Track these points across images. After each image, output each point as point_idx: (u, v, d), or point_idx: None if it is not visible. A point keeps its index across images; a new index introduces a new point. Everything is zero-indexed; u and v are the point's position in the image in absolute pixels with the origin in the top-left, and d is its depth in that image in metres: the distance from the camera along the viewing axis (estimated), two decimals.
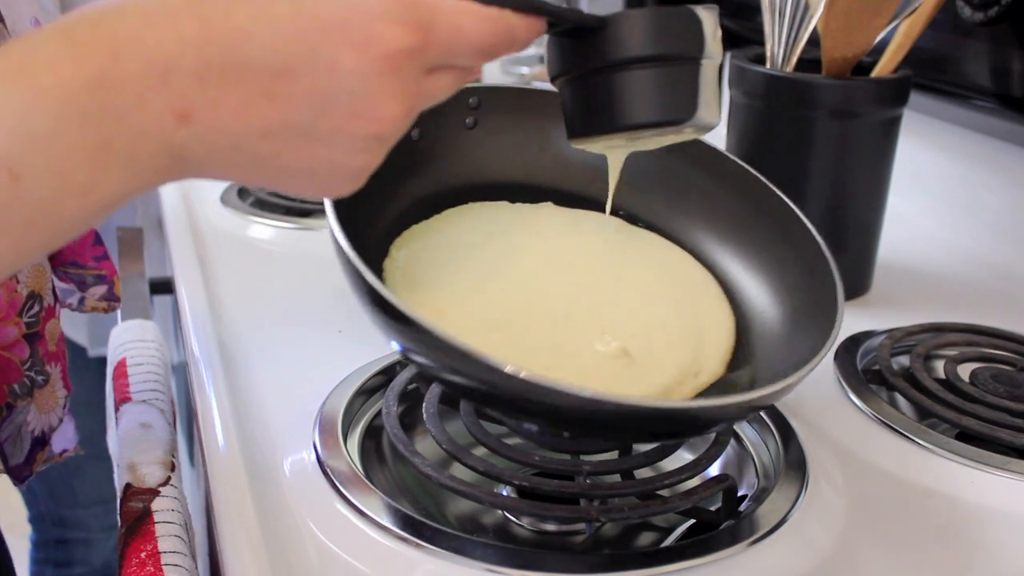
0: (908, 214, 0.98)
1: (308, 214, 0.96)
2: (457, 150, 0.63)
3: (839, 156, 0.77)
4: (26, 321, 0.59)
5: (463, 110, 0.63)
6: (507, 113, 0.64)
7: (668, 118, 0.48)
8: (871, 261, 0.83)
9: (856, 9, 0.74)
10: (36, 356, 0.61)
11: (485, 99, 0.63)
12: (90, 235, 0.65)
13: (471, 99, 0.63)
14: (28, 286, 0.59)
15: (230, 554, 0.50)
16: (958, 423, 0.62)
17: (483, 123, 0.63)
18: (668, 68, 0.47)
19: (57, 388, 0.63)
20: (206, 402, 0.63)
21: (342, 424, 0.59)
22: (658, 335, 0.58)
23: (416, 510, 0.54)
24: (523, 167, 0.65)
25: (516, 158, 0.64)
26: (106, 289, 0.67)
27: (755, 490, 0.57)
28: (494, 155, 0.64)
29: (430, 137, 0.61)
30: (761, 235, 0.63)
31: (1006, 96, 0.82)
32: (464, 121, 0.63)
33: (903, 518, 0.55)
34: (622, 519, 0.54)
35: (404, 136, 0.43)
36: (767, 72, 0.78)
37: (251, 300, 0.78)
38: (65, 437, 0.64)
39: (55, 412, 0.63)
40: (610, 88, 0.47)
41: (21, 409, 0.60)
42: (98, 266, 0.66)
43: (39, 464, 0.63)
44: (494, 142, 0.64)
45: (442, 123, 0.62)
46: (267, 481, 0.55)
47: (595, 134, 0.49)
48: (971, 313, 0.78)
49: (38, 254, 0.36)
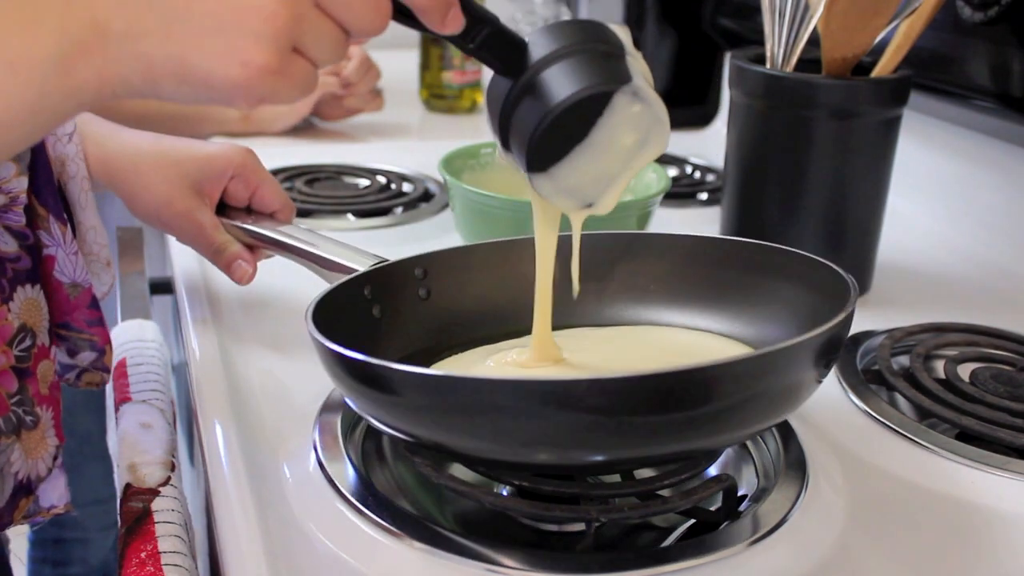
0: (908, 214, 0.98)
1: (308, 214, 0.97)
2: (420, 320, 0.64)
3: (839, 156, 0.77)
4: (16, 354, 0.58)
5: (412, 284, 0.65)
6: (455, 275, 0.66)
7: (612, 79, 0.49)
8: (871, 261, 0.83)
9: (856, 9, 0.74)
10: (25, 394, 0.59)
11: (430, 267, 0.65)
12: (86, 297, 0.63)
13: (416, 270, 0.65)
14: (20, 318, 0.58)
15: (230, 554, 0.50)
16: (958, 423, 0.62)
17: (435, 290, 0.65)
18: (594, 51, 0.49)
19: (48, 435, 0.61)
20: (206, 402, 0.63)
21: (342, 424, 0.59)
22: None
23: (416, 510, 0.54)
24: (489, 317, 0.66)
25: (478, 311, 0.66)
26: (96, 357, 0.65)
27: (755, 490, 0.56)
28: (456, 316, 0.65)
29: (389, 314, 0.63)
30: (756, 288, 0.62)
31: (1006, 96, 0.82)
32: (417, 293, 0.65)
33: (903, 518, 0.55)
34: (622, 519, 0.54)
35: (367, 313, 0.55)
36: (767, 72, 0.78)
37: (251, 300, 0.78)
38: (56, 492, 0.62)
39: (44, 461, 0.61)
40: (544, 84, 0.49)
41: (4, 447, 0.58)
42: (91, 332, 0.64)
43: (21, 513, 0.60)
44: (451, 304, 0.65)
45: (397, 297, 0.64)
46: (267, 481, 0.55)
47: (546, 122, 0.49)
48: (971, 313, 0.79)
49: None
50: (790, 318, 0.59)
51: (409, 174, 1.09)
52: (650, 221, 0.81)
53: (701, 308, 0.64)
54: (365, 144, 1.24)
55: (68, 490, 0.63)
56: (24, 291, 0.59)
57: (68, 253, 0.61)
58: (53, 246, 0.61)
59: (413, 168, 1.10)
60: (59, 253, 0.61)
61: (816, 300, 0.57)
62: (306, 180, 1.05)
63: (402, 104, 1.41)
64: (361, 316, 0.62)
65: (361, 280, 0.62)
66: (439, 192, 1.04)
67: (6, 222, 0.58)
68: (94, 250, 0.67)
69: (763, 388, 0.48)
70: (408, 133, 1.33)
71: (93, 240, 0.67)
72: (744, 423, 0.49)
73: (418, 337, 0.64)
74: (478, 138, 0.92)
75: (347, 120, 1.28)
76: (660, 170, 0.85)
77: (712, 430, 0.48)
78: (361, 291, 0.62)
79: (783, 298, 0.60)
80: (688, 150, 1.21)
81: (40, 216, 0.60)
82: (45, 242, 0.60)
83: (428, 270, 0.65)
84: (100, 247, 0.67)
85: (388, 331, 0.62)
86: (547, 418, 0.45)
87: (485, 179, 0.87)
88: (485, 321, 0.66)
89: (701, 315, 0.64)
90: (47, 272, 0.61)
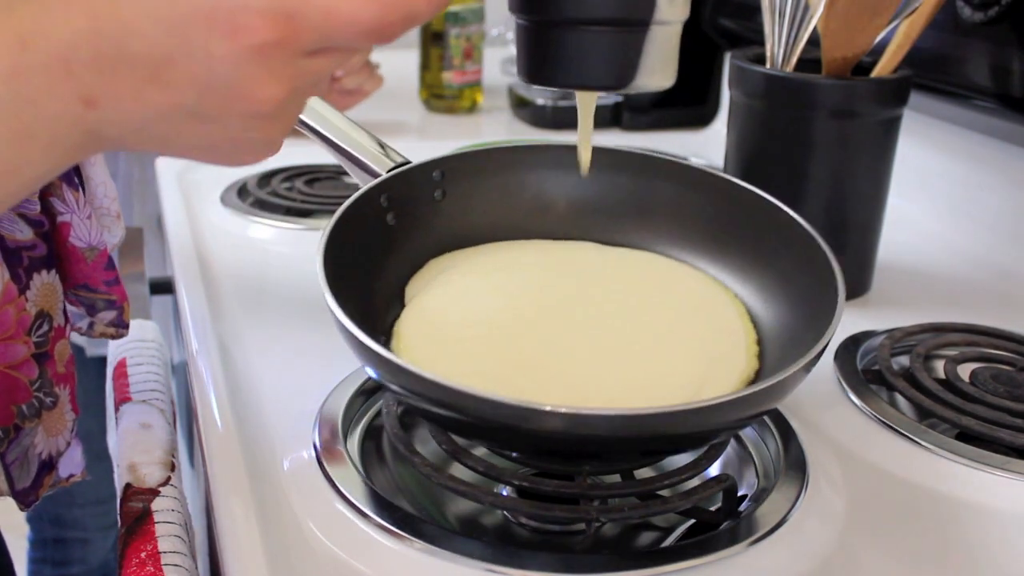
0: (908, 214, 0.98)
1: (308, 214, 0.96)
2: (432, 223, 0.65)
3: (839, 156, 0.77)
4: (35, 340, 0.59)
5: (429, 184, 0.65)
6: (472, 176, 0.66)
7: (606, 84, 0.50)
8: (871, 261, 0.83)
9: (856, 9, 0.74)
10: (45, 377, 0.60)
11: (448, 170, 0.65)
12: (103, 259, 0.64)
13: (435, 172, 0.65)
14: (37, 305, 0.59)
15: (230, 554, 0.50)
16: (958, 423, 0.62)
17: (451, 192, 0.65)
18: (614, 34, 0.48)
19: (66, 411, 0.62)
20: (206, 402, 0.63)
21: (342, 424, 0.59)
22: (663, 362, 0.57)
23: (416, 510, 0.54)
24: (498, 224, 0.66)
25: (490, 216, 0.66)
26: (115, 315, 0.66)
27: (755, 490, 0.56)
28: (468, 219, 0.66)
29: (404, 218, 0.63)
30: (757, 244, 0.63)
31: (1006, 96, 0.82)
32: (433, 195, 0.65)
33: (903, 518, 0.55)
34: (622, 519, 0.54)
35: (381, 221, 0.54)
36: (767, 72, 0.78)
37: (251, 300, 0.78)
38: (73, 462, 0.63)
39: (63, 435, 0.62)
40: (554, 45, 0.49)
41: (29, 431, 0.59)
42: (108, 291, 0.65)
43: (46, 489, 0.62)
44: (465, 207, 0.66)
45: (413, 202, 0.64)
46: (267, 481, 0.55)
47: (536, 84, 0.51)
48: (971, 313, 0.79)
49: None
50: (779, 293, 0.60)
51: None
52: None
53: (701, 246, 0.65)
54: None
55: (84, 457, 0.64)
56: (40, 277, 0.60)
57: (82, 217, 0.61)
58: (67, 212, 0.61)
59: None
60: (74, 219, 0.61)
61: (807, 287, 0.58)
62: (306, 180, 1.05)
63: (402, 104, 1.41)
64: (375, 228, 0.62)
65: (379, 189, 0.62)
66: None
67: (21, 210, 0.58)
68: (104, 204, 0.67)
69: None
70: (408, 133, 1.33)
71: (103, 195, 0.67)
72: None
73: (430, 245, 0.64)
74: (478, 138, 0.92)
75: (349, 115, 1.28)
76: None
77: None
78: (378, 200, 0.62)
79: (779, 269, 0.61)
80: (688, 150, 1.21)
81: (53, 184, 0.60)
82: (59, 209, 0.61)
83: (446, 172, 0.65)
84: (111, 200, 0.68)
85: (401, 239, 0.63)
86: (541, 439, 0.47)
87: None
88: (496, 224, 0.66)
89: (700, 254, 0.65)
90: (63, 239, 0.61)
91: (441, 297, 0.60)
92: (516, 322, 0.58)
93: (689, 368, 0.56)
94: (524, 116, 1.34)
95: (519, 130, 1.31)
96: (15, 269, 0.58)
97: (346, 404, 0.60)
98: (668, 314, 0.60)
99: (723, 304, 0.61)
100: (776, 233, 0.61)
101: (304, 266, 0.84)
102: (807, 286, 0.58)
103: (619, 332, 0.58)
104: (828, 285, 0.55)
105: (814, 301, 0.56)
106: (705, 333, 0.59)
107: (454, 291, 0.60)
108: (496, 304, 0.59)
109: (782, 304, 0.60)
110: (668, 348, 0.57)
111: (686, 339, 0.58)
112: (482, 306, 0.59)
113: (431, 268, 0.64)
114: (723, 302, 0.62)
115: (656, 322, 0.59)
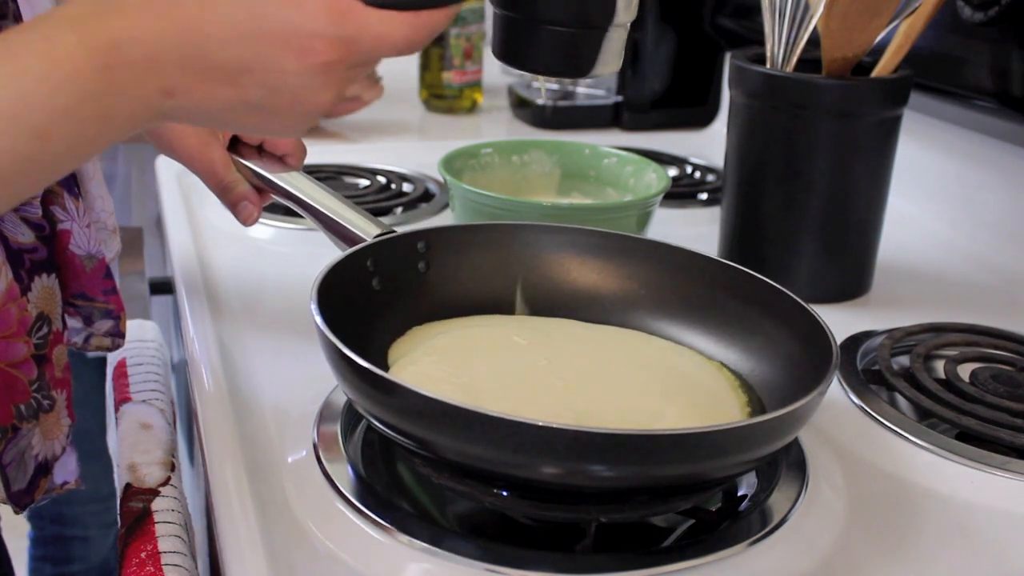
0: (908, 214, 0.98)
1: None
2: (415, 292, 0.66)
3: (839, 156, 0.77)
4: (35, 342, 0.59)
5: (414, 256, 0.66)
6: (455, 252, 0.68)
7: (569, 73, 0.59)
8: (871, 261, 0.83)
9: (856, 9, 0.74)
10: (43, 379, 0.60)
11: (432, 241, 0.67)
12: (101, 267, 0.65)
13: (419, 243, 0.67)
14: (38, 307, 0.60)
15: (230, 554, 0.50)
16: (958, 423, 0.62)
17: (434, 264, 0.67)
18: (578, 34, 0.56)
19: (62, 416, 0.62)
20: (206, 402, 0.63)
21: (342, 424, 0.59)
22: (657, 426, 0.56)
23: (416, 510, 0.54)
24: (482, 298, 0.68)
25: (472, 289, 0.68)
26: (113, 324, 0.67)
27: (755, 490, 0.56)
28: (451, 291, 0.67)
29: (389, 287, 0.65)
30: (742, 314, 0.63)
31: (1006, 96, 0.82)
32: (417, 266, 0.67)
33: (903, 518, 0.55)
34: (622, 519, 0.54)
35: (367, 287, 0.61)
36: (767, 72, 0.78)
37: (251, 300, 0.78)
38: (67, 469, 0.64)
39: (59, 440, 0.62)
40: (528, 36, 0.56)
41: (26, 432, 0.60)
42: (106, 300, 0.66)
43: (40, 492, 0.62)
44: (448, 279, 0.67)
45: (397, 269, 0.65)
46: (267, 481, 0.55)
47: (509, 65, 0.58)
48: (971, 313, 0.79)
49: (43, 187, 0.54)
50: (771, 356, 0.61)
51: (409, 174, 1.09)
52: (650, 221, 0.81)
53: (686, 322, 0.66)
54: (365, 144, 1.24)
55: (78, 466, 0.65)
56: (41, 280, 0.60)
57: (82, 226, 0.63)
58: (68, 220, 0.62)
59: (413, 168, 1.10)
60: (74, 227, 0.63)
61: (797, 348, 0.59)
62: None
63: (402, 104, 1.41)
64: (360, 290, 0.63)
65: (366, 252, 0.64)
66: (439, 192, 1.04)
67: (23, 214, 0.59)
68: (102, 218, 0.70)
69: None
70: (408, 133, 1.32)
71: (101, 208, 0.70)
72: None
73: (412, 309, 0.66)
74: (478, 138, 0.92)
75: (347, 119, 1.28)
76: (660, 170, 0.85)
77: None
78: (364, 263, 0.64)
79: (766, 333, 0.62)
80: (688, 150, 1.21)
81: (55, 192, 0.62)
82: (60, 217, 0.62)
83: (430, 243, 0.67)
84: (108, 215, 0.71)
85: (385, 307, 0.64)
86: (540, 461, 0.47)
87: (485, 179, 0.87)
88: (478, 299, 0.67)
89: (685, 329, 0.66)
90: (62, 247, 0.63)
91: (423, 362, 0.60)
92: (499, 386, 0.59)
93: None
94: (524, 116, 1.34)
95: (519, 130, 1.31)
96: (17, 270, 0.58)
97: (346, 404, 0.60)
98: (658, 385, 0.60)
99: (711, 374, 0.62)
100: (758, 303, 0.62)
101: (304, 266, 0.84)
102: (795, 349, 0.59)
103: (608, 402, 0.58)
104: (817, 343, 0.56)
105: (803, 363, 0.57)
106: (697, 399, 0.59)
107: (436, 358, 0.61)
108: (479, 371, 0.60)
109: (770, 369, 0.61)
110: (661, 415, 0.57)
111: (680, 407, 0.58)
112: (464, 371, 0.59)
113: (414, 335, 0.64)
114: (710, 372, 0.62)
115: (647, 393, 0.60)
